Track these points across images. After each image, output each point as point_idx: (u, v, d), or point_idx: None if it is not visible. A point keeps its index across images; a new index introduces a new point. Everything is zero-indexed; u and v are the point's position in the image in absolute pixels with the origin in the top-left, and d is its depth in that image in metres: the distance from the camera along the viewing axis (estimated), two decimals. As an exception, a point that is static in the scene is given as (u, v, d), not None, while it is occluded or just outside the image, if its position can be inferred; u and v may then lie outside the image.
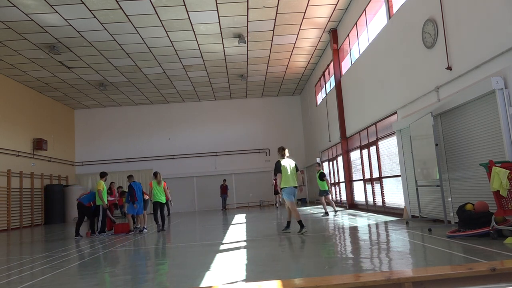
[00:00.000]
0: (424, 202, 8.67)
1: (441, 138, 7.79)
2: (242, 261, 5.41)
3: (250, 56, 16.98)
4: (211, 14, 12.79)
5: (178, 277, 4.70)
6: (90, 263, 6.23)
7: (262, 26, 14.02)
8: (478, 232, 5.66)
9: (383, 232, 7.39)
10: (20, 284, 4.86)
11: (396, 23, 9.72)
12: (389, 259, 4.90)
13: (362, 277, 2.85)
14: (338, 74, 15.20)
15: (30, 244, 9.93)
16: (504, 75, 5.85)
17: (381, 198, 11.68)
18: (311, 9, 13.15)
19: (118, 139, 23.68)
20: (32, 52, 14.66)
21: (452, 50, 7.28)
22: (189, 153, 23.68)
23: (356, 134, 13.82)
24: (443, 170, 7.70)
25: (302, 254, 5.69)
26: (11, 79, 17.37)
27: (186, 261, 5.72)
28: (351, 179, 14.90)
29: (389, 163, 10.97)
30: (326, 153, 18.87)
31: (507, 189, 5.25)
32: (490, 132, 6.29)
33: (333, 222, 9.99)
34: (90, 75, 17.74)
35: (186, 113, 24.12)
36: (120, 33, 13.65)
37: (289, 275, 4.32)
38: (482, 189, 6.50)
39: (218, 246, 7.04)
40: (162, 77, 18.97)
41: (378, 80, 11.27)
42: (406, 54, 9.24)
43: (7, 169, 16.38)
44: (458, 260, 4.52)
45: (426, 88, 8.34)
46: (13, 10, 11.48)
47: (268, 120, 24.27)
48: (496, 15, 6.04)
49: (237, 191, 23.34)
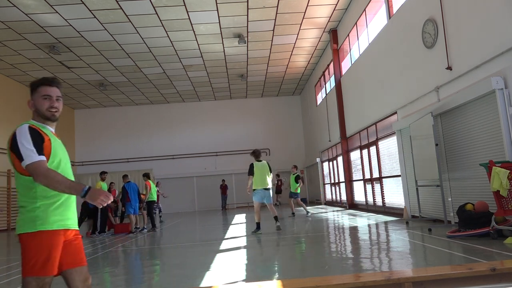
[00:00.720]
0: (424, 202, 8.67)
1: (441, 138, 7.79)
2: (242, 261, 5.41)
3: (250, 56, 16.98)
4: (211, 14, 12.79)
5: (178, 277, 4.70)
6: (90, 263, 6.24)
7: (262, 26, 14.02)
8: (478, 232, 5.66)
9: (383, 232, 7.39)
10: (20, 284, 4.85)
11: (396, 23, 9.72)
12: (389, 259, 4.90)
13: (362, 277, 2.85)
14: (338, 74, 15.20)
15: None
16: (504, 75, 5.85)
17: (381, 198, 11.68)
18: (311, 9, 13.15)
19: (118, 139, 23.68)
20: (32, 52, 14.66)
21: (452, 50, 7.28)
22: (189, 153, 23.68)
23: (356, 134, 13.82)
24: (443, 170, 7.70)
25: (302, 254, 5.69)
26: (11, 79, 17.38)
27: (186, 261, 5.72)
28: (351, 179, 14.90)
29: (389, 163, 10.97)
30: (326, 153, 18.87)
31: (507, 189, 5.25)
32: (490, 132, 6.29)
33: (333, 222, 9.99)
34: (90, 75, 17.74)
35: (186, 113, 24.12)
36: (120, 33, 13.65)
37: (289, 275, 4.32)
38: (482, 189, 6.50)
39: (218, 246, 7.04)
40: (162, 77, 18.97)
41: (378, 80, 11.27)
42: (406, 54, 9.24)
43: (7, 169, 16.39)
44: (458, 260, 4.52)
45: (426, 88, 8.34)
46: (13, 10, 11.48)
47: (268, 120, 24.27)
48: (496, 15, 6.04)
49: (237, 191, 23.33)
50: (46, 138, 2.22)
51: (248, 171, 8.66)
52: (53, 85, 2.33)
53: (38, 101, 2.30)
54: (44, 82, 2.31)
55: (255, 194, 8.60)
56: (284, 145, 24.10)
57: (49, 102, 2.30)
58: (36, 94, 2.31)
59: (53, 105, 2.30)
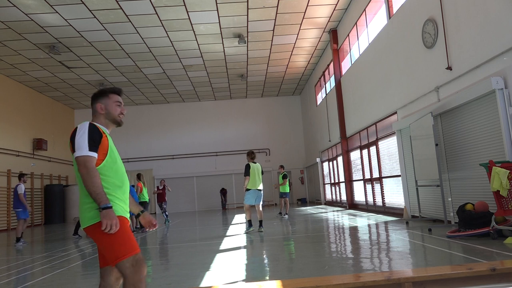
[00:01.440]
0: (424, 202, 8.67)
1: (441, 138, 7.79)
2: (242, 261, 5.42)
3: (250, 56, 16.98)
4: (211, 14, 12.80)
5: (178, 277, 4.70)
6: (90, 263, 6.24)
7: (262, 26, 14.02)
8: (478, 232, 5.66)
9: (383, 232, 7.39)
10: (20, 284, 4.86)
11: (396, 23, 9.72)
12: (389, 259, 4.90)
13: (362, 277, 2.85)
14: (338, 74, 15.20)
15: (30, 244, 9.93)
16: (504, 75, 5.85)
17: (381, 198, 11.68)
18: (311, 9, 13.15)
19: (118, 139, 23.67)
20: (32, 52, 14.66)
21: (452, 50, 7.28)
22: (189, 153, 23.68)
23: (356, 134, 13.82)
24: (443, 170, 7.70)
25: (302, 254, 5.69)
26: (11, 79, 17.38)
27: (186, 261, 5.72)
28: (351, 179, 14.90)
29: (389, 163, 10.97)
30: (326, 153, 18.87)
31: (507, 189, 5.25)
32: (490, 132, 6.29)
33: (333, 222, 9.99)
34: (90, 75, 17.74)
35: (186, 113, 24.12)
36: (120, 33, 13.65)
37: (289, 275, 4.32)
38: (482, 189, 6.50)
39: (218, 246, 7.05)
40: (162, 77, 18.97)
41: (378, 80, 11.27)
42: (406, 54, 9.24)
43: (7, 169, 16.39)
44: (458, 260, 4.52)
45: (426, 88, 8.34)
46: (13, 10, 11.48)
47: (268, 120, 24.27)
48: (496, 15, 6.04)
49: (237, 191, 23.34)
50: (104, 135, 2.43)
51: (244, 171, 8.93)
52: (121, 94, 2.66)
53: (111, 106, 2.58)
54: (115, 90, 2.63)
55: (248, 193, 8.86)
56: (284, 145, 24.11)
57: (120, 109, 2.60)
58: (108, 100, 2.58)
59: (123, 111, 2.62)
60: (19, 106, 17.86)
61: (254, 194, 8.85)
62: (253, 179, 8.84)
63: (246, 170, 8.87)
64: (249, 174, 8.83)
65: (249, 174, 8.83)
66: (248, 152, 9.18)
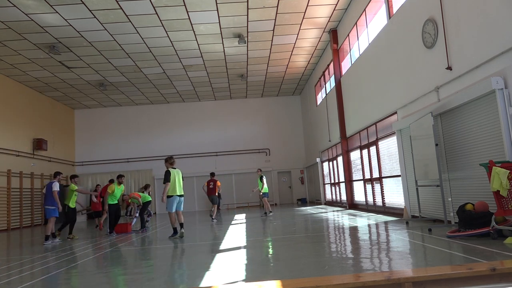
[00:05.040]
0: (424, 202, 8.67)
1: (441, 138, 7.79)
2: (242, 261, 5.42)
3: (250, 56, 16.98)
4: (211, 14, 12.80)
5: (178, 277, 4.70)
6: (90, 262, 6.23)
7: (262, 26, 14.02)
8: (478, 232, 5.66)
9: (383, 232, 7.39)
10: (20, 284, 4.86)
11: (396, 23, 9.72)
12: (389, 259, 4.90)
13: (362, 277, 2.85)
14: (338, 74, 15.20)
15: (30, 244, 9.93)
16: (504, 75, 5.85)
17: (381, 198, 11.68)
18: (311, 9, 13.15)
19: (118, 139, 23.68)
20: (32, 52, 14.66)
21: (452, 50, 7.28)
22: (189, 153, 23.67)
23: (356, 134, 13.82)
24: (443, 170, 7.70)
25: (302, 254, 5.69)
26: (11, 79, 17.37)
27: (186, 261, 5.72)
28: (351, 179, 14.90)
29: (389, 163, 10.97)
30: (326, 153, 18.87)
31: (507, 189, 5.25)
32: (490, 132, 6.29)
33: (333, 222, 9.99)
34: (90, 75, 17.74)
35: (186, 113, 24.12)
36: (120, 33, 13.65)
37: (289, 275, 4.32)
38: (482, 189, 6.50)
39: (218, 246, 7.05)
40: (162, 77, 18.97)
41: (378, 80, 11.27)
42: (406, 54, 9.24)
43: (7, 169, 16.38)
44: (458, 260, 4.52)
45: (426, 88, 8.34)
46: (13, 10, 11.48)
47: (268, 120, 24.27)
48: (496, 15, 6.04)
49: (237, 191, 23.33)
50: None
51: (164, 178, 8.69)
52: None
53: None
54: None
55: (170, 201, 8.70)
56: (284, 145, 24.10)
57: None
58: None
59: None
60: (19, 106, 17.85)
61: (176, 200, 8.73)
62: (173, 185, 8.67)
63: (166, 176, 8.62)
64: (170, 180, 8.62)
65: (169, 181, 8.61)
66: (167, 158, 8.97)
